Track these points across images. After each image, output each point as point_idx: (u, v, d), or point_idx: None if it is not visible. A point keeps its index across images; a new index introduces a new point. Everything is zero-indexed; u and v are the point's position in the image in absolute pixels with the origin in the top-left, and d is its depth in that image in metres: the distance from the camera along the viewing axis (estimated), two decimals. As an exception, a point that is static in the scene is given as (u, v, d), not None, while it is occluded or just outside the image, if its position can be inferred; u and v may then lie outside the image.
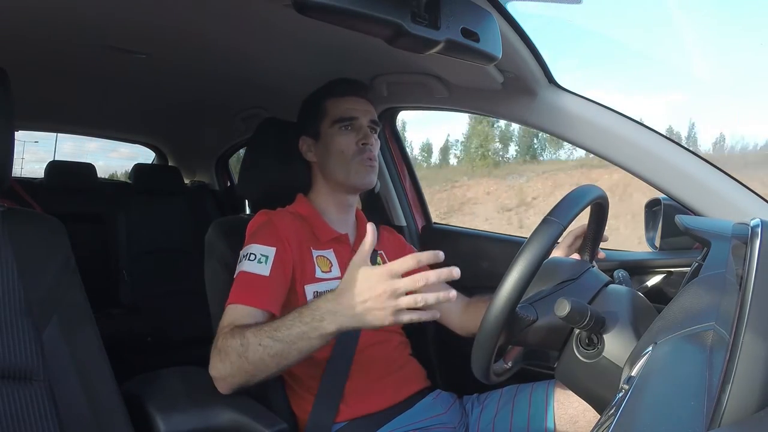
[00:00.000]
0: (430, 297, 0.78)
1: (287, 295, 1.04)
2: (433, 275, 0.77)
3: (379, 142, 1.20)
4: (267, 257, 1.01)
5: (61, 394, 0.82)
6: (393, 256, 1.25)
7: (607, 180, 7.33)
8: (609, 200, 0.90)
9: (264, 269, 1.00)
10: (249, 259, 1.02)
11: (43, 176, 2.41)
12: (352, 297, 0.80)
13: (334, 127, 1.15)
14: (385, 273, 0.79)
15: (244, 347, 0.87)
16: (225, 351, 0.89)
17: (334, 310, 0.82)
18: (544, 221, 0.74)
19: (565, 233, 0.95)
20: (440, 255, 0.80)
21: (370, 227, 0.84)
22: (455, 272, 0.77)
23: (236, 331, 0.90)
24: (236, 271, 1.02)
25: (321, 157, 1.17)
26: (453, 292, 0.82)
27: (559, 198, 0.78)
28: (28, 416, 0.79)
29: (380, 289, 0.78)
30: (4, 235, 0.83)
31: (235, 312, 0.96)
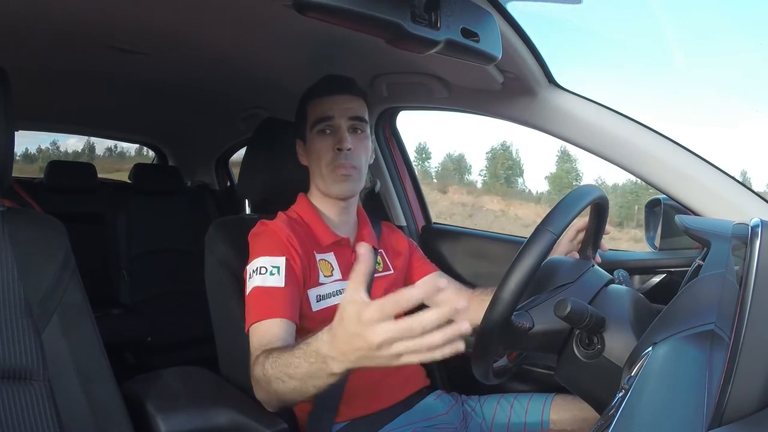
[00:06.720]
0: (437, 337, 0.62)
1: None
2: (429, 318, 0.62)
3: (365, 142, 1.11)
4: (278, 267, 0.99)
5: (61, 394, 0.82)
6: (393, 255, 1.25)
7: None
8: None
9: (278, 281, 0.98)
10: (260, 273, 0.99)
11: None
12: (345, 343, 0.69)
13: (314, 130, 1.10)
14: (375, 319, 0.64)
15: (267, 381, 0.86)
16: (256, 380, 0.89)
17: (333, 356, 0.72)
18: (537, 231, 0.74)
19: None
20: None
21: (365, 250, 0.68)
22: (461, 305, 0.62)
23: (261, 359, 0.88)
24: (248, 288, 1.00)
25: (308, 162, 1.14)
26: (466, 325, 0.63)
27: None
28: (28, 416, 0.79)
29: (370, 339, 0.64)
30: (4, 235, 0.83)
31: (260, 331, 0.94)
